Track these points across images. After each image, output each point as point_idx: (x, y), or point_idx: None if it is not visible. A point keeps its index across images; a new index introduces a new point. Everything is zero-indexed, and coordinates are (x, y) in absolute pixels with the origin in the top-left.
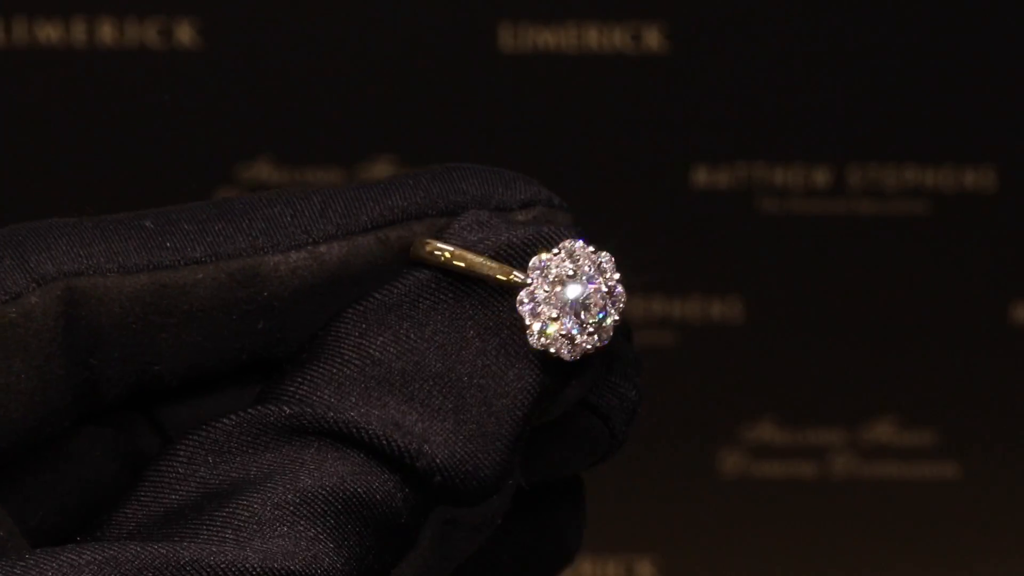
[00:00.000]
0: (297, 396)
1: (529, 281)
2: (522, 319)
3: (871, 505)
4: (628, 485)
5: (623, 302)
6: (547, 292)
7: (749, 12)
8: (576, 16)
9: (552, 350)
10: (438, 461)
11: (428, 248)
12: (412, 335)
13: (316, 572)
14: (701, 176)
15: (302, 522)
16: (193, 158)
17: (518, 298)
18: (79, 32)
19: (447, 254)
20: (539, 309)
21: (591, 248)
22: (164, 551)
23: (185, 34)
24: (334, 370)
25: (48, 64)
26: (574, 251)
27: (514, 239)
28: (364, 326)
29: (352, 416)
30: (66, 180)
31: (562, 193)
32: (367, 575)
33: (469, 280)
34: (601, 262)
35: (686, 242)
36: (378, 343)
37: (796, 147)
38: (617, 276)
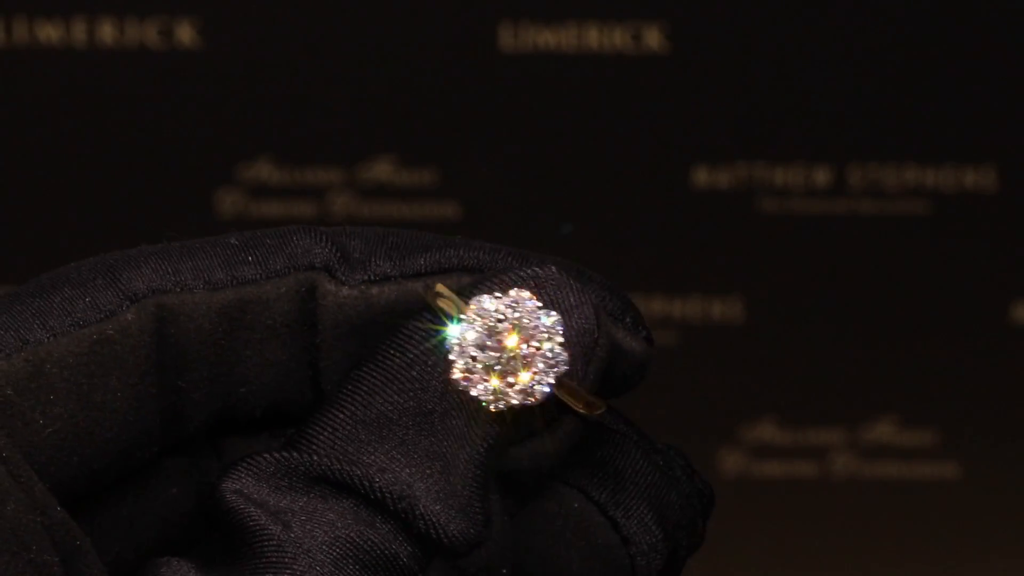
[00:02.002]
0: (297, 442)
1: (463, 317)
2: (448, 352)
3: (871, 505)
4: None
5: (562, 368)
6: (476, 333)
7: (749, 12)
8: (576, 16)
9: (473, 392)
10: (420, 509)
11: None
12: (401, 376)
13: None
14: (701, 176)
15: (311, 565)
16: (193, 158)
17: (447, 334)
18: (79, 32)
19: (432, 293)
20: (463, 347)
21: (540, 305)
22: None
23: (185, 34)
24: (331, 415)
25: (48, 64)
26: (519, 300)
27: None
28: (364, 369)
29: (339, 465)
30: (67, 180)
31: (563, 193)
32: None
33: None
34: (548, 320)
35: (686, 242)
36: (370, 385)
37: (796, 147)
38: (561, 340)
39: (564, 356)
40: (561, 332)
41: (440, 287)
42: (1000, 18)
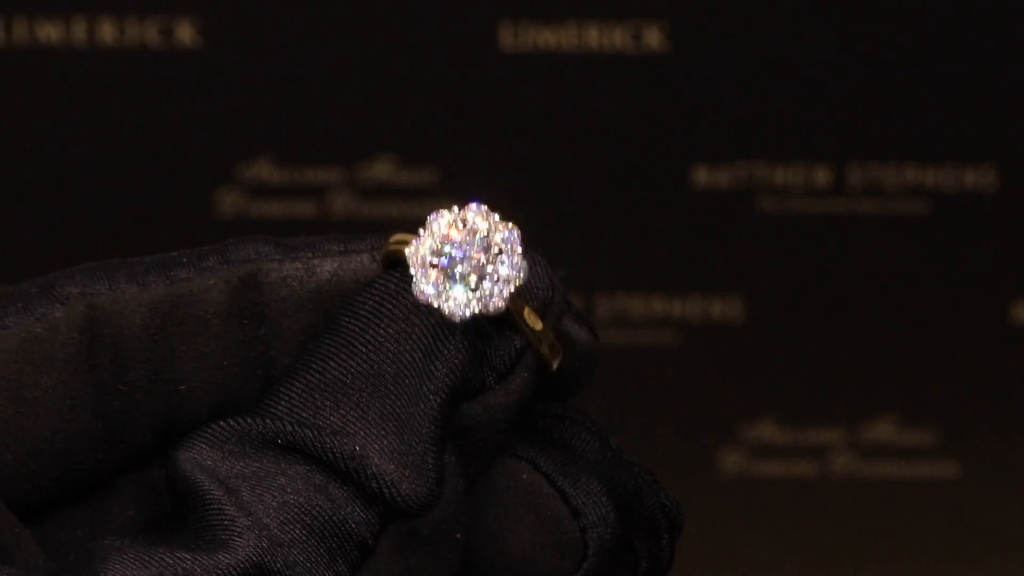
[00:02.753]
0: (257, 409)
1: (420, 233)
2: (407, 265)
3: (871, 505)
4: None
5: (523, 275)
6: (434, 242)
7: (749, 12)
8: (576, 16)
9: (435, 304)
10: (372, 468)
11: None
12: (355, 341)
13: (280, 568)
14: (701, 176)
15: (252, 530)
16: (193, 158)
17: (406, 251)
18: (79, 32)
19: (392, 244)
20: (421, 254)
21: (497, 216)
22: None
23: (185, 34)
24: (286, 384)
25: (48, 64)
26: (474, 211)
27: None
28: (319, 339)
29: (292, 428)
30: (66, 180)
31: (562, 193)
32: None
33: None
34: (506, 229)
35: (686, 242)
36: (324, 352)
37: (796, 147)
38: (520, 250)
39: (524, 264)
40: (519, 245)
41: (397, 236)
42: (1000, 18)
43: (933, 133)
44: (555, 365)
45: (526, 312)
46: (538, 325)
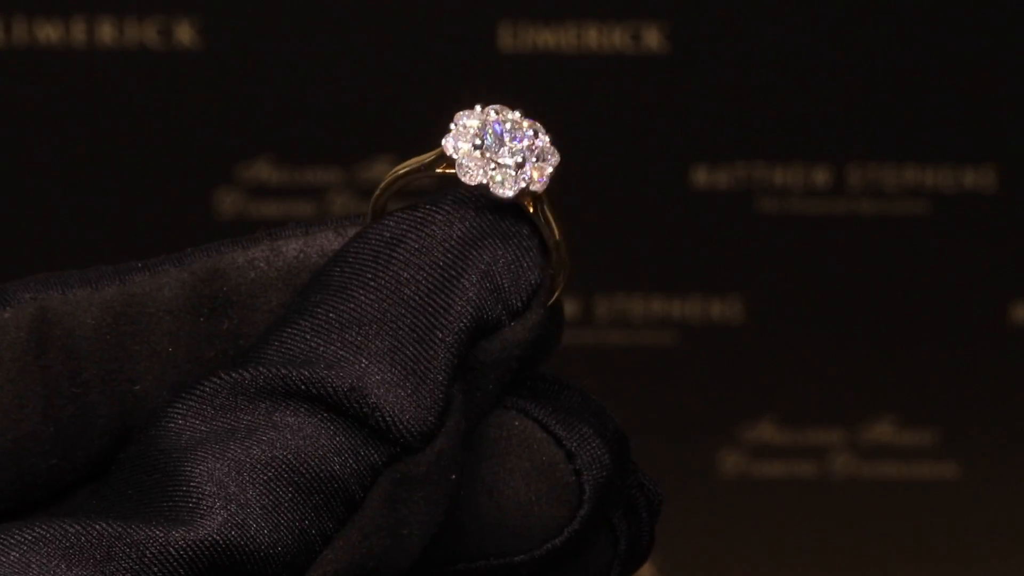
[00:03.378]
0: (249, 359)
1: (452, 128)
2: (452, 161)
3: (871, 505)
4: None
5: (557, 159)
6: (473, 128)
7: (749, 12)
8: (576, 16)
9: (485, 180)
10: (372, 399)
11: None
12: (350, 285)
13: (244, 542)
14: (701, 176)
15: (231, 490)
16: (193, 158)
17: (443, 143)
18: (79, 32)
19: (388, 176)
20: (463, 148)
21: (517, 112)
22: (100, 528)
23: (185, 34)
24: (277, 333)
25: (48, 64)
26: (499, 110)
27: None
28: (308, 290)
29: (287, 369)
30: (66, 180)
31: (563, 193)
32: (304, 539)
33: (409, 219)
34: (530, 120)
35: (686, 242)
36: (316, 299)
37: (796, 147)
38: (547, 137)
39: (555, 149)
40: (545, 132)
41: (392, 169)
42: (1000, 18)
43: (933, 133)
44: (561, 282)
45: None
46: (554, 218)
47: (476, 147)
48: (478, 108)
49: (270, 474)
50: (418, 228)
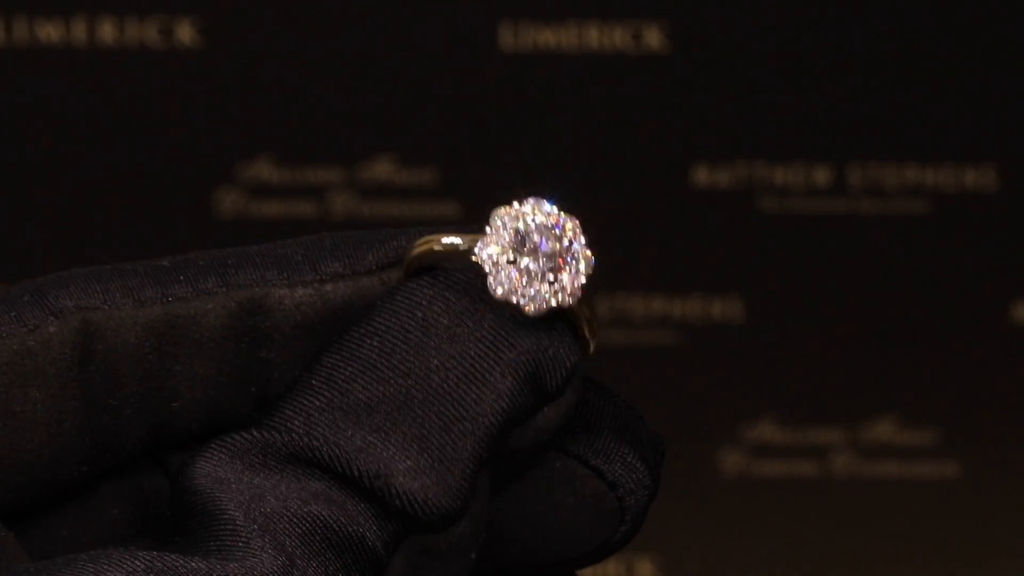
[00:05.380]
0: (271, 423)
1: (487, 231)
2: (480, 269)
3: (871, 505)
4: None
5: (590, 266)
6: (506, 241)
7: (749, 12)
8: (576, 16)
9: (513, 299)
10: (397, 487)
11: (413, 249)
12: (380, 365)
13: None
14: (701, 176)
15: (265, 543)
16: (193, 158)
17: (475, 250)
18: (79, 31)
19: (422, 246)
20: (495, 256)
21: (558, 209)
22: (163, 563)
23: (185, 34)
24: (305, 400)
25: (49, 63)
26: (536, 207)
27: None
28: (337, 357)
29: (317, 443)
30: (66, 180)
31: (562, 193)
32: None
33: (441, 298)
34: (571, 222)
35: (686, 242)
36: (347, 373)
37: (796, 147)
38: (583, 239)
39: (590, 254)
40: (582, 231)
41: (425, 238)
42: (1000, 18)
43: (933, 133)
44: (595, 346)
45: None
46: (590, 319)
47: (509, 261)
48: (515, 207)
49: (305, 528)
50: (450, 313)
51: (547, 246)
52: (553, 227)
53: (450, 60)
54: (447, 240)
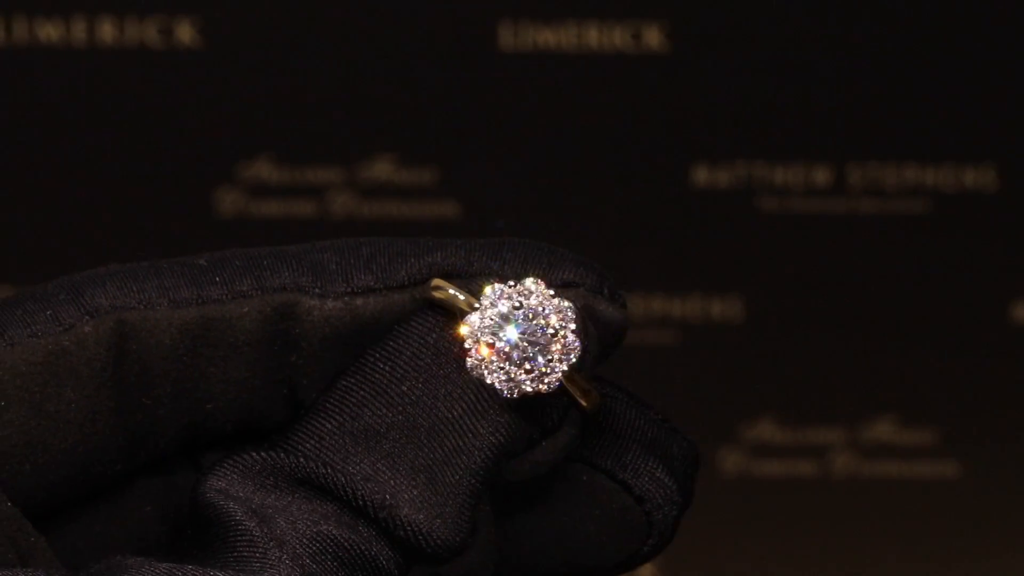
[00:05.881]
0: (284, 445)
1: (476, 306)
2: (462, 340)
3: (871, 505)
4: None
5: (575, 355)
6: (492, 320)
7: (749, 12)
8: (576, 15)
9: (488, 380)
10: (402, 517)
11: (429, 288)
12: (391, 390)
13: None
14: (701, 175)
15: (283, 555)
16: (193, 158)
17: (462, 321)
18: (79, 31)
19: (432, 289)
20: (479, 333)
21: (552, 293)
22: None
23: (185, 33)
24: (317, 423)
25: (48, 63)
26: (532, 289)
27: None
28: (352, 380)
29: (325, 470)
30: (66, 180)
31: (562, 193)
32: None
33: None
34: (561, 308)
35: (686, 242)
36: (359, 397)
37: (796, 146)
38: (574, 328)
39: (577, 343)
40: (574, 318)
41: (438, 281)
42: (1000, 18)
43: (933, 133)
44: (597, 406)
45: (571, 383)
46: (584, 388)
47: (488, 345)
48: (507, 288)
49: (317, 547)
50: (459, 343)
51: (530, 330)
52: (541, 314)
53: (450, 60)
54: (450, 292)
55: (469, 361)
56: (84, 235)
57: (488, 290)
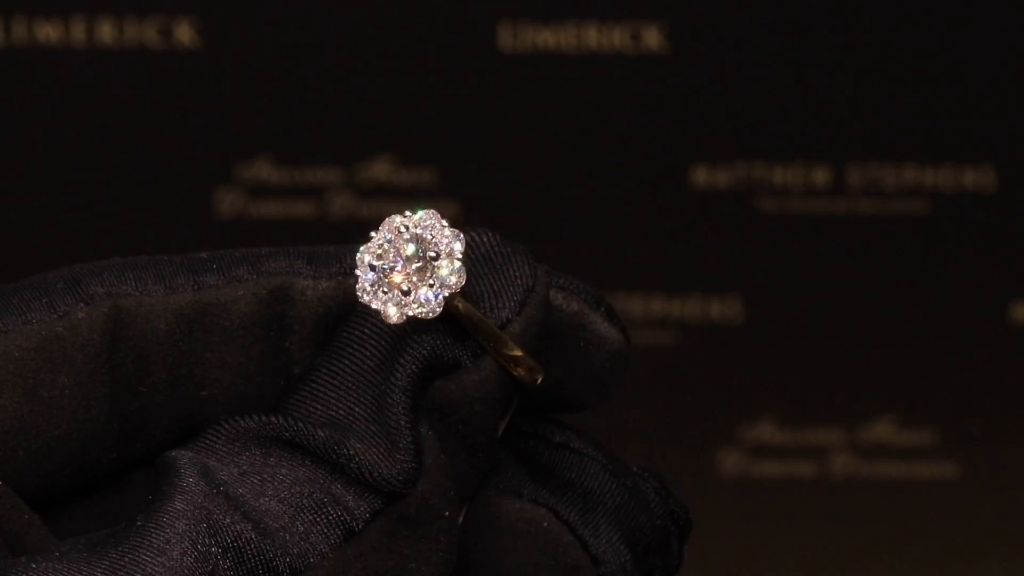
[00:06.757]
0: (274, 408)
1: (372, 235)
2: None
3: (871, 505)
4: None
5: (457, 284)
6: (378, 246)
7: (749, 12)
8: (576, 16)
9: (374, 304)
10: (351, 451)
11: None
12: (345, 363)
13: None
14: (701, 176)
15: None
16: (193, 158)
17: (359, 251)
18: (79, 32)
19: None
20: (367, 260)
21: (446, 225)
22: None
23: (185, 34)
24: (301, 387)
25: (48, 64)
26: (427, 221)
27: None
28: (322, 350)
29: (296, 424)
30: (66, 179)
31: (562, 193)
32: (306, 546)
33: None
34: (448, 238)
35: (686, 242)
36: (321, 361)
37: (796, 147)
38: (459, 259)
39: (462, 274)
40: (460, 252)
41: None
42: (1000, 18)
43: (932, 133)
44: (536, 380)
45: (477, 327)
46: (506, 344)
47: (371, 267)
48: (396, 219)
49: (281, 495)
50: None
51: (409, 252)
52: (427, 238)
53: (449, 60)
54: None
55: (358, 287)
56: (84, 235)
57: (385, 220)
